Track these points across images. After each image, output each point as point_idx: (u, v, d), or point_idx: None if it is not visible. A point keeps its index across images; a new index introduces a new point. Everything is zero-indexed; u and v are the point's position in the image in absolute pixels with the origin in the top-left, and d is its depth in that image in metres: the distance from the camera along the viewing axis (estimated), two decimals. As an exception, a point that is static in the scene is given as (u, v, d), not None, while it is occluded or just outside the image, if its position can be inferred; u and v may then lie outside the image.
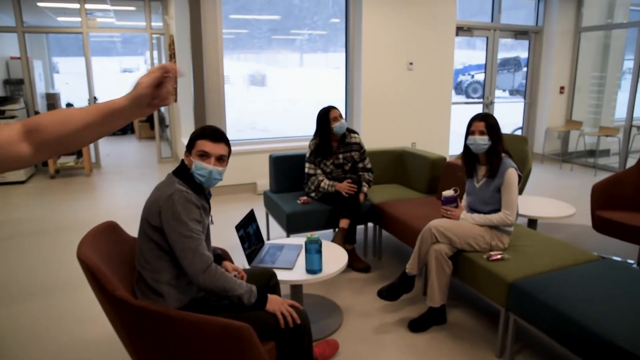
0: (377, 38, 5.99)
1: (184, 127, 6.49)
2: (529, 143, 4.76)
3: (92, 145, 7.19)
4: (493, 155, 2.64)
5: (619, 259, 3.76)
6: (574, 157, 7.66)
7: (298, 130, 6.39)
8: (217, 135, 1.90)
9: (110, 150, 8.97)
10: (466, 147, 2.73)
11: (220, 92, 5.47)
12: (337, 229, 3.46)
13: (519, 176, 2.63)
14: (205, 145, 1.88)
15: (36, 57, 8.85)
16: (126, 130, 11.26)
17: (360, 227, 3.76)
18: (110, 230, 1.98)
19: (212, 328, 1.61)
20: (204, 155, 1.88)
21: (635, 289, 2.24)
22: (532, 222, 3.68)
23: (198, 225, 1.82)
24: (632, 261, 3.71)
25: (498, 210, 2.67)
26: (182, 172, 1.91)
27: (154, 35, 7.51)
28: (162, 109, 9.81)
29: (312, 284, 3.25)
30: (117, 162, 7.93)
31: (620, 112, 7.25)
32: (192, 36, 5.21)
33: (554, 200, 3.99)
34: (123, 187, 6.20)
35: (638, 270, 2.70)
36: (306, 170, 3.71)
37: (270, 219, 4.08)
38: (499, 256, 2.55)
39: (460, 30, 6.86)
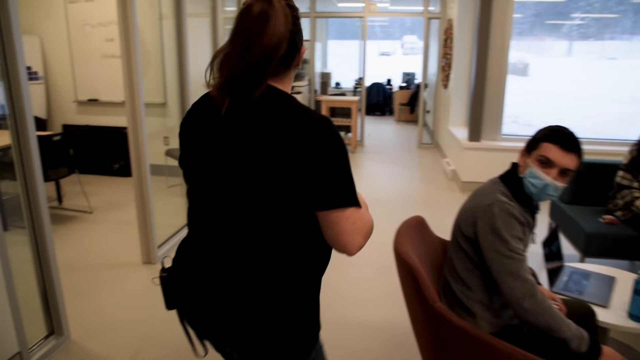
0: None
1: (453, 116, 6.27)
2: None
3: (359, 124, 7.61)
4: None
5: None
6: None
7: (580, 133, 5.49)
8: (571, 143, 1.57)
9: (371, 129, 9.41)
10: None
11: (501, 81, 5.04)
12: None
13: None
14: (551, 151, 1.57)
15: (317, 40, 9.81)
16: (385, 111, 11.69)
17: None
18: (418, 226, 1.89)
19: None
20: (546, 163, 1.58)
21: None
22: None
23: (520, 243, 1.55)
24: None
25: None
26: (510, 176, 1.66)
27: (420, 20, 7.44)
28: (425, 93, 9.82)
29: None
30: (378, 142, 8.25)
31: None
32: (480, 20, 4.89)
33: None
34: (383, 167, 6.38)
35: None
36: (618, 179, 3.08)
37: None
38: None
39: None
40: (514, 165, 1.68)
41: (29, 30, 5.61)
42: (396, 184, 5.57)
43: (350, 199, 1.01)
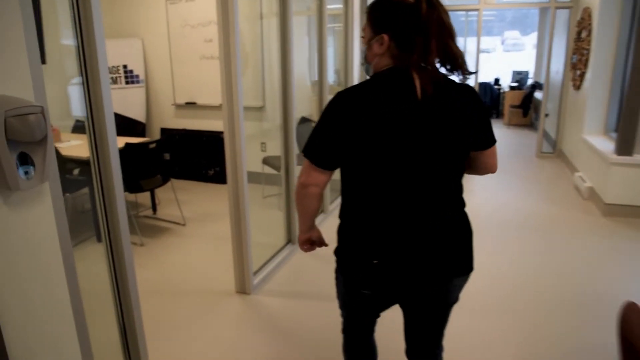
0: None
1: (590, 122, 5.30)
2: None
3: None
4: None
5: None
6: None
7: None
8: None
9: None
10: None
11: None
12: None
13: None
14: None
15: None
16: (492, 113, 10.67)
17: None
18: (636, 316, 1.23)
19: None
20: None
21: None
22: None
23: None
24: None
25: None
26: None
27: (545, 9, 6.47)
28: (539, 95, 8.74)
29: None
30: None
31: None
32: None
33: None
34: (496, 180, 5.53)
35: None
36: None
37: None
38: None
39: None
40: None
41: (132, 33, 5.58)
42: (515, 201, 4.76)
43: None
